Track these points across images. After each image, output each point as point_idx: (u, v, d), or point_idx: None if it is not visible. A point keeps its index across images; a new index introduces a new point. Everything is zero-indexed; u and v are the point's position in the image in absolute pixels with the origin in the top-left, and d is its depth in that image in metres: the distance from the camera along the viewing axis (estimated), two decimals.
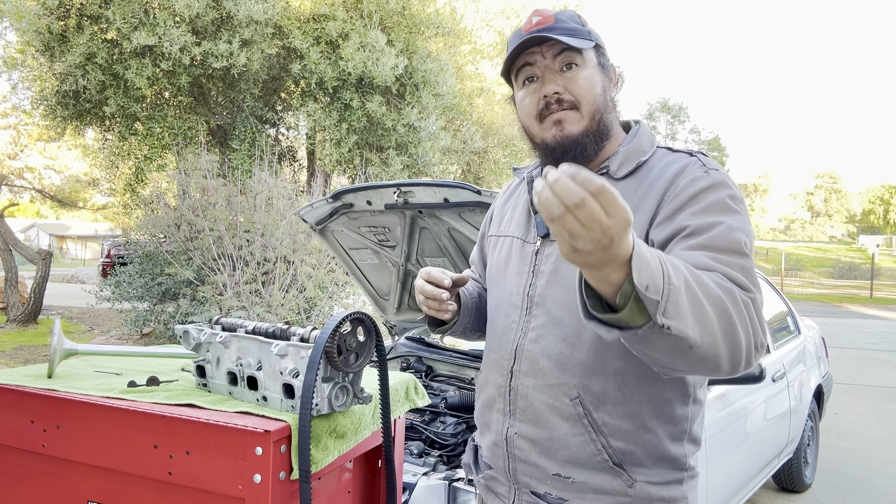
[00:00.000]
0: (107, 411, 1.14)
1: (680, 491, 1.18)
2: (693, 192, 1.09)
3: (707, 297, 0.89)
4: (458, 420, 2.49)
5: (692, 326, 0.86)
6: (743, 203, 1.12)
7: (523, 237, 1.29)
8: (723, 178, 1.12)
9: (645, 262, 0.81)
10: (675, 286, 0.84)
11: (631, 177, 1.18)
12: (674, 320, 0.84)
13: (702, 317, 0.87)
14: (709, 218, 1.05)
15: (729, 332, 0.91)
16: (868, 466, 4.65)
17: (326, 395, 1.12)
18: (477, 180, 12.83)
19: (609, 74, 1.23)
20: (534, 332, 1.20)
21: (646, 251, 0.83)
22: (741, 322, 0.92)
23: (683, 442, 1.18)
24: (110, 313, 11.18)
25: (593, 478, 1.15)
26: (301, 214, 3.07)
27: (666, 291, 0.83)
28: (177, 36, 8.24)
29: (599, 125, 1.19)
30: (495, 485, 1.30)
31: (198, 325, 1.31)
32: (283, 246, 6.44)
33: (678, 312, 0.84)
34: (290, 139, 12.20)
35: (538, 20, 1.18)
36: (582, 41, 1.17)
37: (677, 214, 1.08)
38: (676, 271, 0.86)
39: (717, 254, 1.00)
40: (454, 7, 11.12)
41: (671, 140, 45.09)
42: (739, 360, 0.94)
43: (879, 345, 10.88)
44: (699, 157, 1.17)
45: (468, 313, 1.37)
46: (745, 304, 0.94)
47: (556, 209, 0.75)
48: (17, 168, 14.79)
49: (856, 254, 38.45)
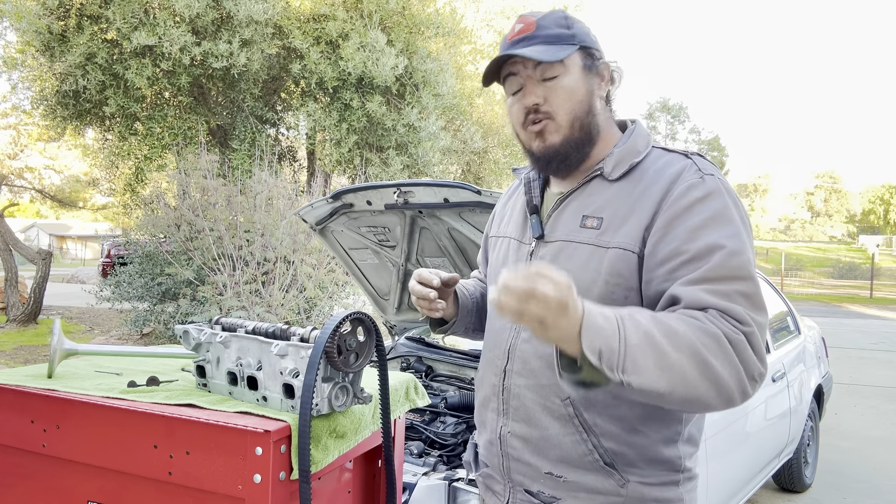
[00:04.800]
0: (107, 411, 1.14)
1: (676, 492, 1.18)
2: (688, 202, 1.09)
3: (675, 347, 0.94)
4: (458, 420, 2.49)
5: (655, 378, 0.94)
6: (739, 207, 1.11)
7: (520, 238, 1.29)
8: (718, 185, 1.11)
9: (596, 329, 0.92)
10: (633, 344, 0.93)
11: (626, 178, 1.18)
12: (633, 376, 0.93)
13: (668, 367, 0.94)
14: (707, 238, 1.05)
15: (707, 375, 0.95)
16: (868, 466, 4.65)
17: (326, 395, 1.12)
18: (477, 180, 12.84)
19: (600, 74, 1.22)
20: (526, 332, 1.21)
21: (599, 318, 0.93)
22: (724, 363, 0.96)
23: (678, 444, 1.18)
24: (110, 313, 11.18)
25: (585, 477, 1.16)
26: (301, 214, 3.07)
27: (622, 351, 0.92)
28: (177, 36, 8.24)
29: (581, 132, 1.19)
30: (492, 483, 1.31)
31: (198, 325, 1.31)
32: (283, 246, 6.44)
33: (637, 368, 0.93)
34: (290, 139, 12.20)
35: (521, 28, 1.18)
36: (559, 49, 1.15)
37: (674, 226, 1.08)
38: (637, 327, 0.94)
39: (717, 285, 1.01)
40: (454, 7, 11.12)
41: (671, 140, 45.09)
42: (731, 397, 0.97)
43: (879, 345, 10.88)
44: (695, 159, 1.16)
45: (469, 314, 1.38)
46: (734, 342, 0.97)
47: (513, 311, 0.91)
48: (17, 168, 14.79)
49: (856, 254, 38.44)
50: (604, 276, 1.12)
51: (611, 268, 1.12)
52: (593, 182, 1.21)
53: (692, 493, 1.22)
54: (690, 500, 1.21)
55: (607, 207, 1.16)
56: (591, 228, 1.16)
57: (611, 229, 1.14)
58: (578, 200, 1.21)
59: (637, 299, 1.12)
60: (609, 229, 1.14)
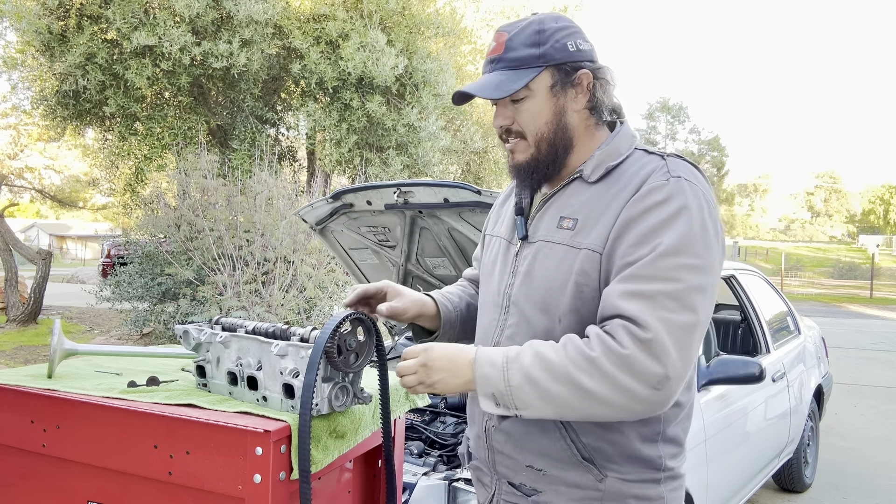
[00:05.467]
0: (107, 411, 1.14)
1: (656, 491, 1.19)
2: (646, 205, 1.11)
3: (553, 378, 1.06)
4: (458, 420, 2.49)
5: (541, 408, 1.08)
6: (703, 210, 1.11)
7: (509, 238, 1.32)
8: (681, 188, 1.11)
9: (485, 378, 1.10)
10: (516, 385, 1.08)
11: (604, 180, 1.20)
12: (523, 410, 1.09)
13: (549, 398, 1.06)
14: (652, 242, 1.08)
15: (586, 395, 1.04)
16: (868, 466, 4.65)
17: (326, 395, 1.12)
18: (477, 180, 12.83)
19: (575, 85, 1.21)
20: (509, 329, 1.24)
21: (487, 367, 1.10)
22: (601, 382, 1.04)
23: (657, 443, 1.19)
24: (110, 313, 11.17)
25: (564, 471, 1.19)
26: (301, 214, 3.07)
27: (508, 392, 1.08)
28: (177, 36, 8.23)
29: (548, 150, 1.22)
30: (481, 475, 1.34)
31: (198, 325, 1.31)
32: (283, 246, 6.44)
33: (524, 404, 1.08)
34: (290, 139, 12.20)
35: (493, 47, 1.22)
36: (519, 75, 1.17)
37: (629, 229, 1.11)
38: (519, 368, 1.08)
39: (639, 284, 1.06)
40: (454, 7, 11.12)
41: (671, 140, 45.10)
42: (629, 407, 1.05)
43: (879, 345, 10.88)
44: (668, 160, 1.17)
45: (452, 327, 1.40)
46: (618, 359, 1.03)
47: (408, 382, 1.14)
48: (17, 168, 14.80)
49: (856, 254, 38.44)
50: (574, 276, 1.15)
51: (580, 268, 1.15)
52: (573, 184, 1.24)
53: (675, 493, 1.23)
54: (673, 500, 1.22)
55: (583, 209, 1.19)
56: (566, 229, 1.19)
57: (584, 230, 1.17)
58: (559, 202, 1.24)
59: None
60: (583, 230, 1.17)
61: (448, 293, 1.45)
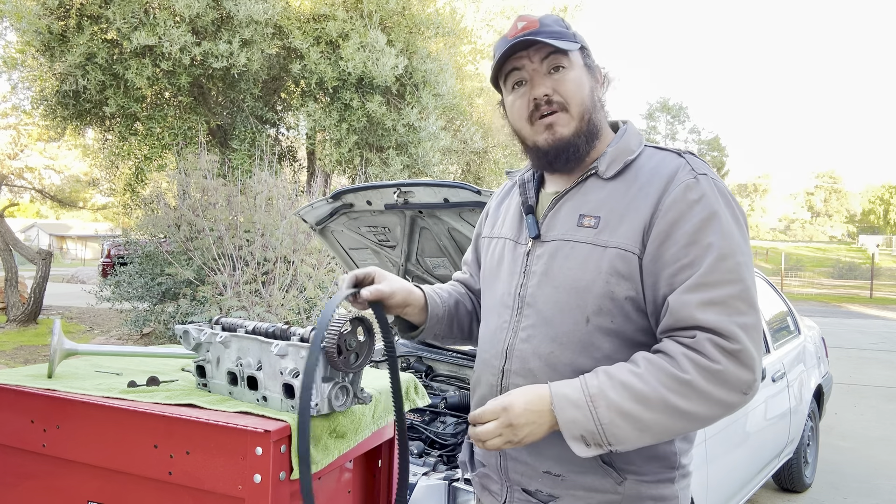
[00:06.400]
0: (107, 411, 1.14)
1: (671, 490, 1.19)
2: (686, 205, 1.12)
3: (647, 408, 1.04)
4: (458, 420, 2.49)
5: (637, 439, 1.06)
6: (732, 206, 1.14)
7: (515, 238, 1.30)
8: (711, 186, 1.13)
9: (571, 421, 1.06)
10: (608, 423, 1.05)
11: (620, 177, 1.19)
12: (618, 445, 1.06)
13: (646, 428, 1.05)
14: (702, 242, 1.09)
15: (686, 417, 1.05)
16: (868, 466, 4.65)
17: (326, 395, 1.12)
18: (477, 180, 12.83)
19: (595, 75, 1.24)
20: (524, 331, 1.21)
21: (570, 410, 1.06)
22: (699, 402, 1.04)
23: (674, 441, 1.19)
24: (110, 313, 11.18)
25: (583, 475, 1.17)
26: (301, 214, 3.07)
27: (600, 430, 1.05)
28: (177, 36, 8.23)
29: (589, 125, 1.21)
30: (488, 482, 1.31)
31: (198, 325, 1.31)
32: (283, 246, 6.44)
33: (619, 439, 1.05)
34: (290, 139, 12.19)
35: (523, 25, 1.19)
36: (568, 43, 1.18)
37: (674, 230, 1.11)
38: (608, 405, 1.04)
39: (710, 292, 1.06)
40: (454, 7, 11.11)
41: (671, 140, 45.08)
42: (722, 414, 1.06)
43: (879, 345, 10.88)
44: (688, 158, 1.18)
45: (439, 322, 1.37)
46: (712, 375, 1.03)
47: (494, 445, 1.10)
48: (17, 168, 14.79)
49: (856, 254, 38.44)
50: (604, 274, 1.14)
51: (611, 267, 1.13)
52: (588, 181, 1.22)
53: (686, 491, 1.24)
54: (684, 498, 1.23)
55: (604, 206, 1.18)
56: (589, 227, 1.17)
57: (608, 228, 1.15)
58: (574, 199, 1.22)
59: (641, 300, 1.14)
60: (606, 228, 1.15)
61: (438, 288, 1.43)
